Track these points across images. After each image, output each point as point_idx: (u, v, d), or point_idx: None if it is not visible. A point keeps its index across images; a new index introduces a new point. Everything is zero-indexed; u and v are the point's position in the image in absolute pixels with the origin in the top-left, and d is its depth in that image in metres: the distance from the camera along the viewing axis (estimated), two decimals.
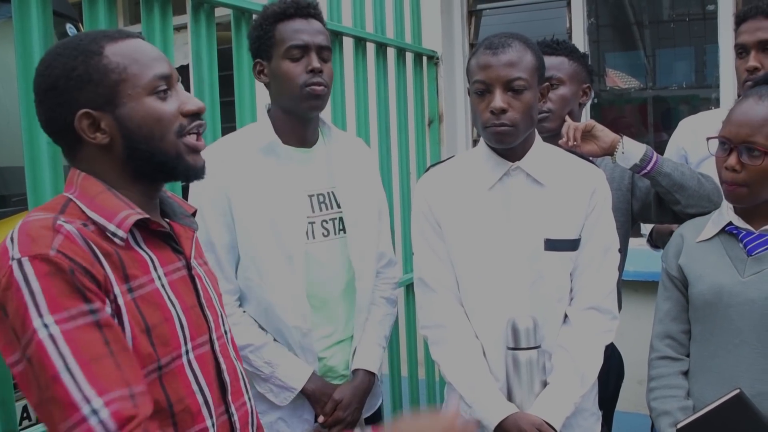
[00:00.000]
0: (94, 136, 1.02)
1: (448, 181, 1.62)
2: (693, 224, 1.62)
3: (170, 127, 1.05)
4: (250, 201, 1.59)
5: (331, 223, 1.67)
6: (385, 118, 2.61)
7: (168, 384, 1.02)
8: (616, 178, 1.87)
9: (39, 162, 1.46)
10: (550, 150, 1.64)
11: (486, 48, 1.50)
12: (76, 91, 1.01)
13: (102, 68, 1.01)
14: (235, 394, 1.15)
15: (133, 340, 0.97)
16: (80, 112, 1.01)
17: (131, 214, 1.02)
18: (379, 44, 2.57)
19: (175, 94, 1.07)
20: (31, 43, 1.46)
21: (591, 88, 1.95)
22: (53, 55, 1.04)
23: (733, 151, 1.45)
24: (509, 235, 1.54)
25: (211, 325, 1.13)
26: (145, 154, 1.04)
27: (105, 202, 1.02)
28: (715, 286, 1.48)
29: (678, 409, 1.50)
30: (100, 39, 1.03)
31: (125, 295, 0.99)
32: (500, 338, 1.53)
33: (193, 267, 1.14)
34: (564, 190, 1.57)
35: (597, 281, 1.57)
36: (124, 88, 1.02)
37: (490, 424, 1.48)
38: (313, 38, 1.60)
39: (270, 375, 1.60)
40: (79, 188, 1.04)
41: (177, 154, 1.06)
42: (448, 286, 1.58)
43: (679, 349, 1.57)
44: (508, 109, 1.47)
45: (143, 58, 1.04)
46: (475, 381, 1.52)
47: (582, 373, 1.52)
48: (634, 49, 4.01)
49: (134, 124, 1.03)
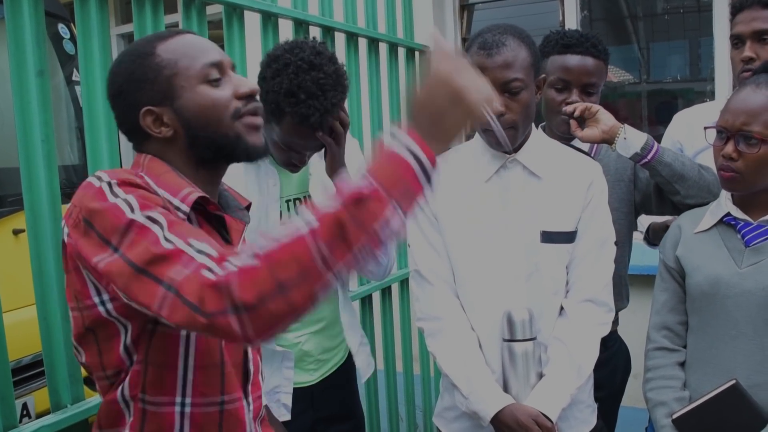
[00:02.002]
0: (159, 131, 1.09)
1: (445, 174, 1.60)
2: (691, 215, 1.62)
3: (225, 111, 1.09)
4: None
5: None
6: (377, 113, 2.61)
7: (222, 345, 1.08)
8: (619, 170, 1.86)
9: (34, 162, 1.46)
10: (547, 142, 1.64)
11: (480, 47, 1.48)
12: (138, 92, 1.08)
13: (155, 66, 1.08)
14: (254, 385, 1.20)
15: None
16: (143, 110, 1.08)
17: (193, 191, 1.07)
18: (371, 39, 2.57)
19: (228, 80, 1.11)
20: (23, 44, 1.46)
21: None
22: (119, 62, 1.12)
23: (730, 140, 1.45)
24: (506, 227, 1.55)
25: None
26: (206, 140, 1.09)
27: (170, 180, 1.08)
28: (712, 277, 1.48)
29: (674, 399, 1.51)
30: (152, 40, 1.11)
31: None
32: (496, 330, 1.54)
33: None
34: (561, 183, 1.57)
35: (593, 273, 1.58)
36: (177, 81, 1.07)
37: (486, 416, 1.49)
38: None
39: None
40: (146, 168, 1.10)
41: (236, 135, 1.10)
42: (445, 278, 1.59)
43: (676, 340, 1.57)
44: (506, 112, 1.47)
45: (192, 51, 1.09)
46: (471, 373, 1.53)
47: (578, 365, 1.53)
48: (627, 43, 4.02)
49: (191, 113, 1.08)
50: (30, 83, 1.47)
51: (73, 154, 3.25)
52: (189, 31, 1.15)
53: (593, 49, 1.81)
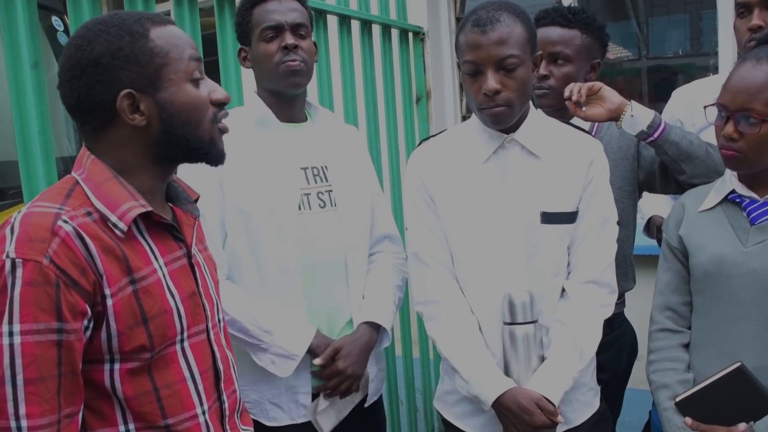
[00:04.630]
0: (133, 117, 1.03)
1: (441, 155, 1.61)
2: (694, 193, 1.59)
3: (206, 114, 1.08)
4: (242, 171, 1.61)
5: (327, 195, 1.69)
6: (372, 96, 2.60)
7: (156, 370, 1.06)
8: (623, 147, 1.83)
9: (32, 154, 1.46)
10: (546, 121, 1.62)
11: (474, 25, 1.45)
12: (121, 71, 1.02)
13: (148, 51, 1.03)
14: (227, 381, 1.19)
15: (120, 336, 1.01)
16: (123, 92, 1.02)
17: (134, 207, 1.04)
18: (364, 21, 2.56)
19: (204, 82, 1.10)
20: (17, 36, 1.45)
21: (600, 64, 1.85)
22: (94, 31, 1.03)
23: (730, 119, 1.40)
24: (505, 209, 1.54)
25: (207, 314, 1.16)
26: (181, 140, 1.07)
27: (110, 191, 1.04)
28: (716, 257, 1.45)
29: (677, 382, 1.48)
30: (144, 21, 1.05)
31: (125, 289, 1.01)
32: (496, 313, 1.53)
33: (194, 255, 1.16)
34: (560, 162, 1.56)
35: (595, 254, 1.56)
36: (166, 72, 1.04)
37: (487, 399, 1.48)
38: (285, 17, 1.62)
39: (270, 344, 1.59)
40: (87, 171, 1.05)
41: (210, 139, 1.10)
42: (443, 261, 1.58)
43: (680, 321, 1.54)
44: (501, 90, 1.45)
45: (181, 44, 1.06)
46: (471, 356, 1.52)
47: (580, 348, 1.52)
48: (626, 18, 3.98)
49: (174, 109, 1.05)
50: (25, 75, 1.47)
51: (71, 146, 3.25)
52: (173, 21, 1.11)
53: (561, 19, 1.79)
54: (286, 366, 1.61)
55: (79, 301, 0.96)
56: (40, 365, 0.94)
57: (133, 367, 1.03)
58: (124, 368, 1.03)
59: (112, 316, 1.00)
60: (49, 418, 0.94)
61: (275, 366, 1.61)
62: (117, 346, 1.01)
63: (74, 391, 0.98)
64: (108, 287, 0.99)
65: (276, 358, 1.61)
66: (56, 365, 0.95)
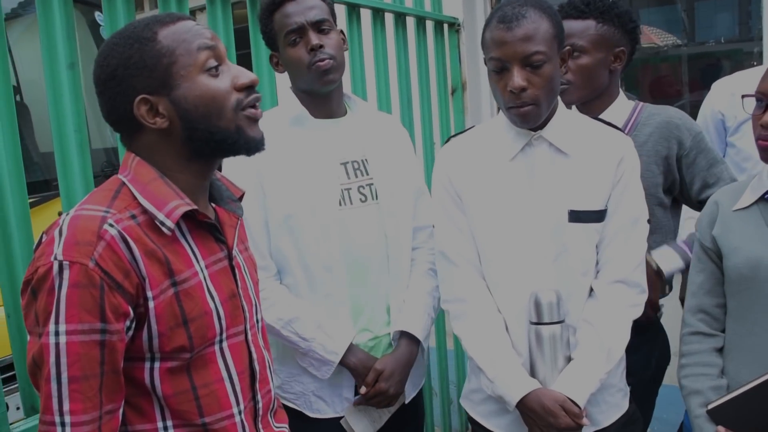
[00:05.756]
0: (154, 121, 1.05)
1: (469, 153, 1.60)
2: (729, 190, 1.53)
3: (226, 103, 1.05)
4: (282, 172, 1.63)
5: (368, 189, 1.69)
6: (406, 88, 2.59)
7: (195, 370, 1.08)
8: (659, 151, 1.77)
9: (68, 151, 1.51)
10: (575, 117, 1.59)
11: (499, 21, 1.44)
12: (133, 79, 1.03)
13: (155, 53, 1.03)
14: (263, 381, 1.20)
15: (161, 336, 1.04)
16: (138, 98, 1.03)
17: (180, 204, 1.06)
18: (398, 14, 2.55)
19: (227, 69, 1.07)
20: (54, 38, 1.49)
21: (626, 52, 1.78)
22: (110, 45, 1.06)
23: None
24: (532, 207, 1.52)
25: (246, 315, 1.17)
26: (205, 134, 1.06)
27: (157, 190, 1.05)
28: (752, 260, 1.39)
29: (710, 388, 1.44)
30: (153, 25, 1.05)
31: (167, 291, 1.04)
32: (523, 313, 1.51)
33: (234, 256, 1.17)
34: (589, 160, 1.53)
35: (624, 253, 1.53)
36: (175, 69, 1.03)
37: (511, 400, 1.47)
38: (304, 16, 1.61)
39: (308, 349, 1.62)
40: (132, 172, 1.07)
41: (237, 128, 1.07)
42: (470, 259, 1.57)
43: (714, 324, 1.50)
44: (528, 87, 1.42)
45: (189, 37, 1.05)
46: (496, 356, 1.51)
47: (608, 349, 1.49)
48: (670, 3, 3.86)
49: (190, 104, 1.04)
50: (62, 76, 1.51)
51: (113, 137, 3.34)
52: (188, 17, 1.09)
53: (573, 11, 1.76)
54: (324, 369, 1.64)
55: (122, 303, 0.99)
56: (83, 364, 0.97)
57: (173, 366, 1.06)
58: (164, 367, 1.06)
59: (154, 318, 1.03)
60: (91, 415, 0.98)
61: (314, 368, 1.65)
62: (158, 346, 1.04)
63: (115, 389, 1.01)
64: (150, 290, 1.02)
65: (314, 362, 1.64)
66: (99, 364, 0.98)
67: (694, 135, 1.78)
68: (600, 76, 1.78)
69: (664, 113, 1.81)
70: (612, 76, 1.81)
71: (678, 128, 1.77)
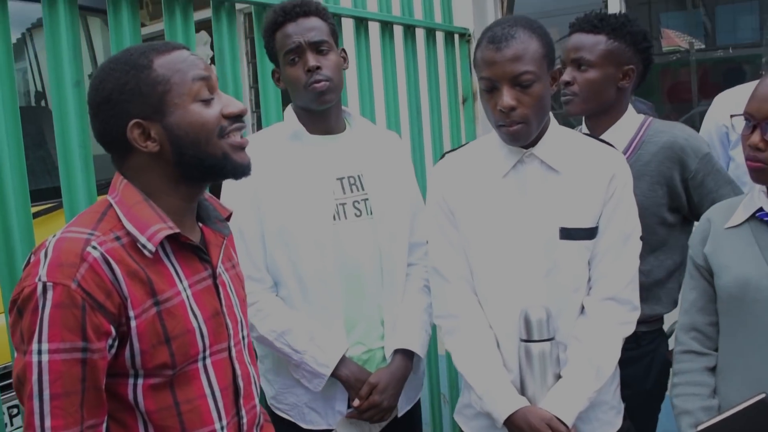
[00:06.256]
0: (145, 145, 1.09)
1: (462, 169, 1.61)
2: (722, 207, 1.52)
3: (213, 130, 1.11)
4: (278, 186, 1.66)
5: (363, 203, 1.72)
6: (415, 99, 2.60)
7: (178, 386, 1.12)
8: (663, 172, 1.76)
9: (72, 165, 1.57)
10: (567, 134, 1.60)
11: (489, 41, 1.45)
12: (128, 104, 1.08)
13: (151, 81, 1.08)
14: (247, 397, 1.23)
15: (143, 354, 1.07)
16: (132, 123, 1.08)
17: (162, 228, 1.10)
18: (407, 26, 2.57)
19: (218, 98, 1.13)
20: (61, 57, 1.55)
21: (635, 70, 1.78)
22: (107, 70, 1.11)
23: (756, 128, 1.35)
24: (523, 224, 1.53)
25: (230, 333, 1.21)
26: (194, 159, 1.11)
27: (140, 213, 1.10)
28: (741, 279, 1.39)
29: (700, 408, 1.43)
30: (149, 53, 1.10)
31: (149, 310, 1.08)
32: (514, 329, 1.52)
33: (219, 275, 1.21)
34: (581, 177, 1.53)
35: (616, 270, 1.53)
36: (170, 97, 1.09)
37: (499, 417, 1.48)
38: (303, 37, 1.65)
39: (300, 361, 1.65)
40: (120, 194, 1.12)
41: (223, 154, 1.12)
42: (462, 275, 1.58)
43: (706, 342, 1.49)
44: (517, 106, 1.44)
45: (184, 67, 1.10)
46: (485, 372, 1.52)
47: (597, 367, 1.49)
48: (693, 8, 3.82)
49: (181, 131, 1.09)
50: (67, 93, 1.57)
51: None
52: (183, 46, 1.15)
53: (586, 25, 1.78)
54: (316, 381, 1.67)
55: (104, 323, 1.03)
56: (65, 381, 1.01)
57: (156, 383, 1.10)
58: (147, 383, 1.09)
59: (136, 336, 1.07)
60: (72, 430, 1.02)
61: (307, 381, 1.68)
62: (140, 363, 1.08)
63: (97, 404, 1.05)
64: (132, 309, 1.06)
65: (307, 374, 1.67)
66: (80, 381, 1.02)
67: (701, 156, 1.76)
68: (606, 92, 1.78)
69: (669, 132, 1.78)
70: (620, 93, 1.81)
71: (683, 150, 1.76)
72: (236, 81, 1.94)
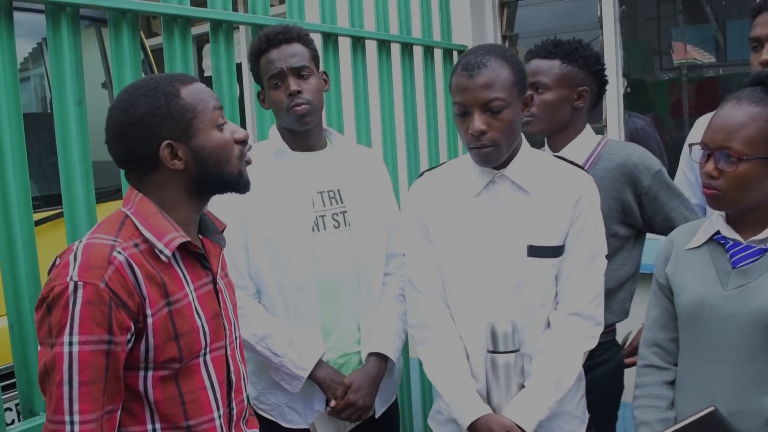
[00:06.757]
0: (173, 163, 1.25)
1: (438, 188, 1.70)
2: (685, 230, 1.58)
3: (232, 152, 1.30)
4: (262, 199, 1.77)
5: (342, 216, 1.82)
6: (411, 116, 2.69)
7: (183, 379, 1.25)
8: (616, 186, 1.85)
9: (73, 179, 1.67)
10: (537, 156, 1.67)
11: (462, 69, 1.54)
12: (159, 126, 1.24)
13: (180, 107, 1.25)
14: (237, 391, 1.37)
15: (156, 349, 1.21)
16: (164, 143, 1.23)
17: (177, 237, 1.25)
18: (405, 44, 2.66)
19: (227, 125, 1.31)
20: (64, 77, 1.66)
21: (589, 91, 1.90)
22: (136, 96, 1.25)
23: (711, 157, 1.42)
24: (494, 241, 1.60)
25: (227, 332, 1.35)
26: (215, 176, 1.28)
27: (157, 223, 1.25)
28: (698, 299, 1.45)
29: (657, 420, 1.50)
30: (174, 82, 1.27)
31: (162, 310, 1.21)
32: (482, 340, 1.59)
33: (218, 282, 1.35)
34: (549, 197, 1.60)
35: (581, 287, 1.60)
36: (196, 123, 1.26)
37: (463, 423, 1.56)
38: (285, 63, 1.76)
39: (279, 364, 1.75)
40: (135, 206, 1.26)
41: (239, 172, 1.31)
42: (435, 288, 1.66)
43: (667, 357, 1.55)
44: (487, 131, 1.52)
45: (205, 98, 1.28)
46: (453, 381, 1.60)
47: (557, 379, 1.56)
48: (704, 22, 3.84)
49: (206, 152, 1.26)
50: (69, 111, 1.68)
51: None
52: (197, 79, 1.32)
53: (542, 51, 1.90)
54: (294, 383, 1.76)
55: (126, 319, 1.16)
56: (92, 370, 1.13)
57: (164, 375, 1.22)
58: (156, 375, 1.22)
59: (151, 333, 1.20)
60: (95, 414, 1.14)
61: (286, 383, 1.78)
62: (152, 357, 1.21)
63: (116, 392, 1.18)
64: (149, 308, 1.19)
65: (286, 377, 1.77)
66: (104, 370, 1.15)
67: (654, 173, 1.86)
68: (562, 112, 1.89)
69: (624, 151, 1.89)
70: (576, 112, 1.91)
71: (636, 167, 1.86)
72: (233, 100, 2.05)
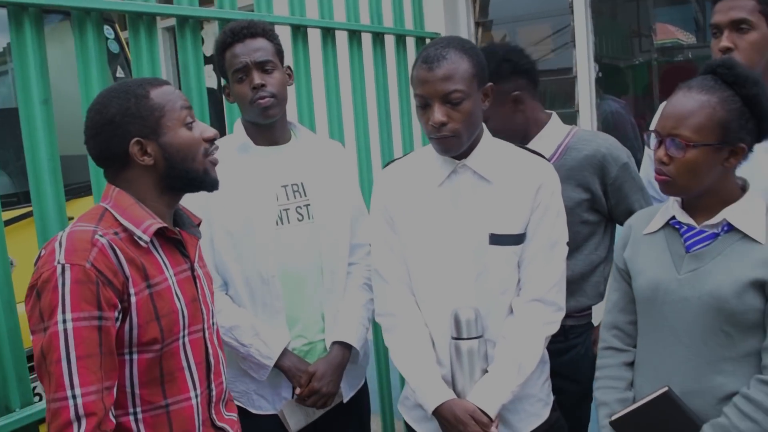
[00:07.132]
0: (143, 159, 1.33)
1: (402, 178, 1.73)
2: (644, 215, 1.62)
3: (199, 149, 1.38)
4: (227, 194, 1.77)
5: (305, 209, 1.86)
6: (384, 106, 2.71)
7: (164, 360, 1.33)
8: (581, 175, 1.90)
9: (41, 179, 1.68)
10: (498, 146, 1.70)
11: (422, 61, 1.56)
12: (129, 125, 1.32)
13: (149, 107, 1.33)
14: (216, 374, 1.44)
15: (139, 328, 1.28)
16: (133, 140, 1.32)
17: (154, 223, 1.33)
18: (376, 34, 2.67)
19: (196, 124, 1.39)
20: (29, 76, 1.66)
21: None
22: (107, 98, 1.35)
23: (662, 144, 1.46)
24: (456, 230, 1.64)
25: (204, 317, 1.42)
26: (182, 172, 1.36)
27: (134, 212, 1.33)
28: (653, 283, 1.49)
29: (616, 400, 1.54)
30: (145, 85, 1.36)
31: (144, 291, 1.29)
32: (446, 328, 1.62)
33: (196, 269, 1.44)
34: (510, 186, 1.63)
35: (542, 274, 1.64)
36: (164, 121, 1.34)
37: (428, 408, 1.61)
38: (250, 57, 1.79)
39: (246, 354, 1.80)
40: (113, 200, 1.35)
41: (205, 170, 1.39)
42: (401, 277, 1.70)
43: (626, 339, 1.60)
44: (447, 122, 1.55)
45: (174, 98, 1.37)
46: (418, 367, 1.64)
47: (519, 363, 1.60)
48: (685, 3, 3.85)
49: (174, 149, 1.35)
50: (35, 110, 1.69)
51: None
52: (168, 82, 1.41)
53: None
54: (261, 372, 1.82)
55: (112, 296, 1.24)
56: (87, 344, 1.20)
57: (148, 358, 1.30)
58: (141, 359, 1.30)
59: (135, 311, 1.28)
60: (96, 386, 1.21)
61: (253, 371, 1.83)
62: (137, 337, 1.28)
63: (111, 368, 1.25)
64: (132, 287, 1.28)
65: (253, 365, 1.82)
66: (98, 345, 1.22)
67: (621, 165, 1.91)
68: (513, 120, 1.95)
69: (594, 142, 1.93)
70: (521, 114, 1.96)
71: (605, 158, 1.91)
72: (201, 95, 2.06)
